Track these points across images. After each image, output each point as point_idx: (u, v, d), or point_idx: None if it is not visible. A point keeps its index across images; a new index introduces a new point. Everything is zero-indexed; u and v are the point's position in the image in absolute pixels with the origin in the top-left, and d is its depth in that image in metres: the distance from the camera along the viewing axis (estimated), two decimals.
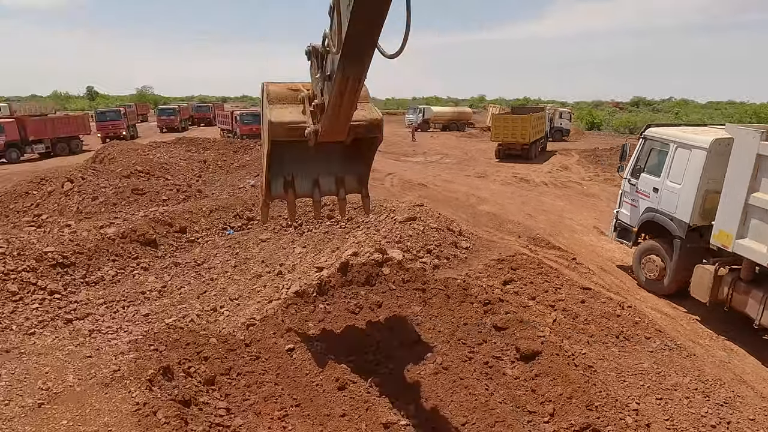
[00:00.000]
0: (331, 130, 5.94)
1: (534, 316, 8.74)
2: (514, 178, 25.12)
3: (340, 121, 5.70)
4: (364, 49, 4.68)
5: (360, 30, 4.54)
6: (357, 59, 4.74)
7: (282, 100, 6.91)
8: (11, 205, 16.63)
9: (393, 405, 6.60)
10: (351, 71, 4.88)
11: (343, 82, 4.97)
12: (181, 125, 54.19)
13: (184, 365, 6.83)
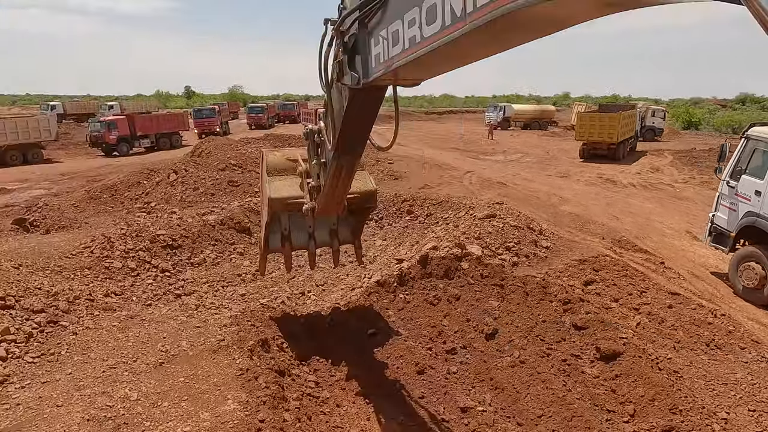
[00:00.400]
0: (327, 207, 6.27)
1: (616, 318, 8.58)
2: (599, 179, 24.17)
3: (336, 200, 6.03)
4: (357, 145, 5.09)
5: (352, 130, 4.87)
6: (350, 152, 5.14)
7: (281, 171, 7.29)
8: (125, 193, 18.65)
9: (470, 392, 6.85)
10: (345, 161, 5.26)
11: (337, 171, 5.35)
12: (268, 122, 57.09)
13: (277, 341, 7.51)
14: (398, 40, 3.24)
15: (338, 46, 4.19)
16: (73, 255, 10.33)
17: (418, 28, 2.97)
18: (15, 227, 14.59)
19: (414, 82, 4.27)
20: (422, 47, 2.97)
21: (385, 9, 3.38)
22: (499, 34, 2.56)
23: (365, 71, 3.92)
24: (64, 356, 6.56)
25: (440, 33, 2.75)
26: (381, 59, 3.57)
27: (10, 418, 5.24)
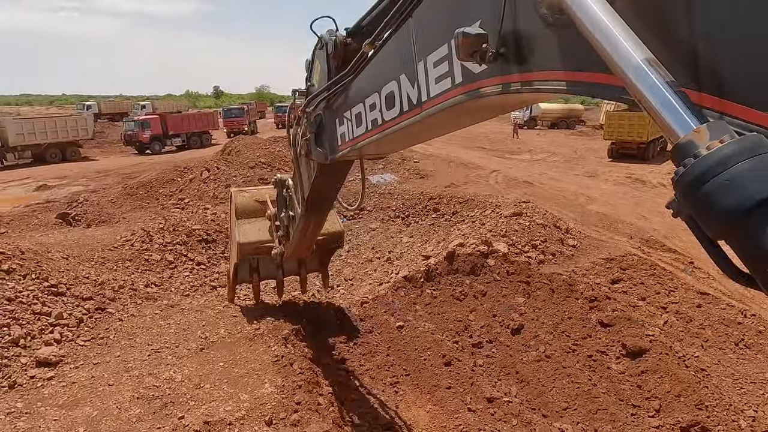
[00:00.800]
0: (296, 253, 6.54)
1: (643, 316, 8.62)
2: (627, 179, 23.86)
3: (304, 246, 6.31)
4: (324, 205, 5.40)
5: (320, 196, 5.14)
6: (317, 211, 5.44)
7: (249, 214, 7.41)
8: (160, 189, 19.31)
9: (496, 384, 7.03)
10: (313, 218, 5.55)
11: (306, 226, 5.64)
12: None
13: (309, 330, 7.82)
14: (361, 121, 3.51)
15: (305, 125, 4.45)
16: (115, 248, 10.86)
17: (379, 112, 3.24)
18: (59, 221, 15.33)
19: (378, 156, 4.62)
20: (383, 129, 3.24)
21: (348, 92, 3.65)
22: (452, 118, 2.85)
23: (332, 148, 4.18)
24: (112, 340, 6.99)
25: (399, 118, 3.02)
26: (346, 138, 3.83)
27: (67, 395, 5.66)
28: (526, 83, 2.02)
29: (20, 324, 6.61)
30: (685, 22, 1.40)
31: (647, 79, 1.27)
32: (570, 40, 1.71)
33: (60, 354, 6.41)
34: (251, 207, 7.41)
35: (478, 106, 2.48)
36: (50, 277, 7.72)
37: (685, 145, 1.14)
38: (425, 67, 2.63)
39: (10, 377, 5.90)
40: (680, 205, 1.16)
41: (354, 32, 3.63)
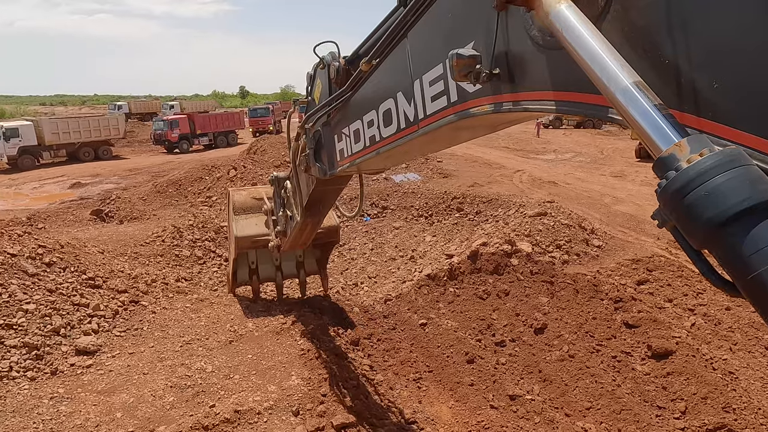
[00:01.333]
0: (292, 247, 6.67)
1: (670, 318, 8.53)
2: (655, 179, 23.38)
3: (301, 242, 6.45)
4: (322, 210, 5.50)
5: (317, 206, 5.26)
6: (315, 215, 5.53)
7: (246, 210, 7.60)
8: (189, 187, 19.79)
9: (518, 382, 7.07)
10: (310, 220, 5.62)
11: (303, 226, 5.72)
12: None
13: (334, 326, 7.98)
14: (359, 138, 3.59)
15: (304, 140, 4.54)
16: (147, 243, 11.23)
17: (377, 129, 3.32)
18: (93, 217, 15.89)
19: (377, 171, 4.67)
20: (381, 146, 3.32)
21: (347, 109, 3.74)
22: (448, 135, 2.92)
23: (330, 164, 4.27)
24: (146, 332, 7.28)
25: (396, 134, 3.09)
26: (345, 154, 3.92)
27: (105, 382, 5.94)
28: (517, 103, 2.09)
29: (61, 314, 6.94)
30: (669, 45, 1.45)
31: (635, 101, 1.32)
32: (560, 61, 1.77)
33: (98, 343, 6.71)
34: (248, 203, 7.62)
35: (472, 123, 2.55)
36: (88, 270, 8.06)
37: (667, 159, 1.18)
38: (421, 85, 2.71)
39: (52, 364, 6.21)
40: (664, 216, 1.20)
41: (352, 61, 3.72)
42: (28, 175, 27.63)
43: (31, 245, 7.99)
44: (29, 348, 6.25)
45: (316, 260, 8.63)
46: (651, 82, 1.38)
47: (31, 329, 6.50)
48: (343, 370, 6.65)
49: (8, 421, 5.16)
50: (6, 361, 6.00)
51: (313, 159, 4.43)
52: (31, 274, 7.32)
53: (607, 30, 1.56)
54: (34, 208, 18.66)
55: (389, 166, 4.29)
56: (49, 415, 5.29)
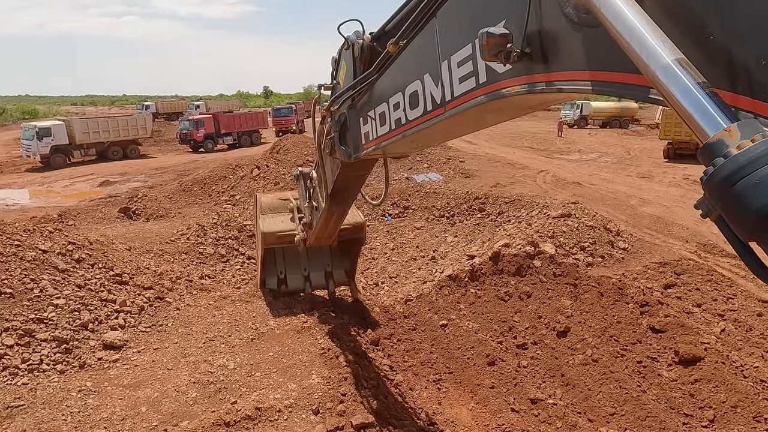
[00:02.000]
0: (318, 240, 6.65)
1: (698, 323, 8.30)
2: (684, 180, 22.83)
3: (327, 235, 6.41)
4: (348, 199, 5.45)
5: (342, 192, 5.19)
6: (341, 204, 5.49)
7: (273, 209, 7.73)
8: (213, 186, 20.08)
9: (540, 386, 6.97)
10: (336, 209, 5.58)
11: (329, 216, 5.69)
12: None
13: (355, 326, 8.00)
14: (385, 121, 3.53)
15: (329, 123, 4.50)
16: (172, 241, 11.44)
17: (403, 111, 3.25)
18: (120, 215, 16.27)
19: (402, 155, 4.60)
20: (407, 129, 3.25)
21: (372, 92, 3.68)
22: (475, 118, 2.84)
23: (355, 147, 4.22)
24: (170, 328, 7.41)
25: (423, 117, 3.02)
26: (370, 137, 3.86)
27: (130, 376, 6.07)
28: (551, 83, 2.01)
29: (89, 309, 7.11)
30: (715, 19, 1.37)
31: (677, 80, 1.24)
32: (596, 39, 1.70)
33: (124, 338, 6.86)
34: (275, 204, 7.85)
35: (501, 106, 2.48)
36: (115, 267, 8.25)
37: (715, 145, 1.13)
38: (449, 66, 2.65)
39: (81, 358, 6.37)
40: (709, 206, 1.15)
41: (378, 37, 3.68)
42: (59, 173, 28.45)
43: (62, 242, 8.22)
44: (59, 342, 6.43)
45: (345, 271, 8.66)
46: (695, 61, 1.30)
47: (60, 323, 6.68)
48: (363, 369, 6.66)
49: (39, 413, 5.31)
50: (37, 354, 6.19)
51: (338, 142, 4.40)
52: (61, 270, 7.53)
53: (648, 6, 1.48)
54: (65, 206, 19.21)
55: (414, 151, 4.28)
56: (77, 407, 5.43)
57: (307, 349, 6.71)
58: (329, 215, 5.78)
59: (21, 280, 6.98)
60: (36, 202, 21.30)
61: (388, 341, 7.95)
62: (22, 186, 24.84)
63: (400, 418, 6.11)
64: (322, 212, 5.84)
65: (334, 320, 7.68)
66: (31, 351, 6.20)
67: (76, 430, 5.09)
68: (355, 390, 5.82)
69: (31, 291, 6.93)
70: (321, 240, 6.84)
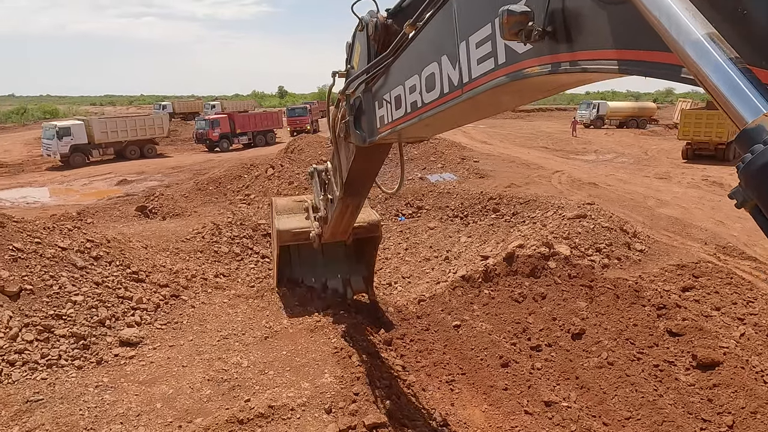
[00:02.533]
0: (333, 236, 6.66)
1: (717, 327, 8.14)
2: (704, 181, 22.44)
3: (342, 229, 6.41)
4: (362, 190, 5.40)
5: (357, 180, 5.13)
6: (356, 195, 5.45)
7: (288, 210, 7.82)
8: (228, 185, 20.28)
9: (554, 388, 6.90)
10: (351, 201, 5.55)
11: (344, 209, 5.66)
12: None
13: (367, 325, 8.01)
14: (401, 104, 3.47)
15: (344, 107, 4.47)
16: (188, 239, 11.55)
17: (419, 94, 3.19)
18: (137, 213, 16.49)
19: (418, 139, 4.54)
20: (423, 112, 3.19)
21: (388, 75, 3.62)
22: (493, 100, 2.76)
23: (370, 131, 4.17)
24: (185, 325, 7.49)
25: (439, 100, 2.95)
26: (385, 121, 3.81)
27: (146, 373, 6.15)
28: (575, 63, 1.93)
29: (106, 306, 7.22)
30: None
31: (709, 57, 1.17)
32: (623, 16, 1.64)
33: (140, 335, 6.95)
34: (289, 205, 8.00)
35: (519, 87, 2.42)
36: (132, 265, 8.37)
37: (754, 131, 1.07)
38: (467, 47, 2.58)
39: (98, 354, 6.48)
40: (745, 195, 1.10)
41: (395, 13, 3.62)
42: (78, 172, 28.93)
43: (80, 239, 8.36)
44: (77, 338, 6.54)
45: (363, 278, 8.69)
46: (727, 37, 1.23)
47: (78, 320, 6.79)
48: (375, 369, 6.66)
49: (57, 407, 5.41)
50: (56, 349, 6.30)
51: (353, 126, 4.36)
52: (79, 267, 7.66)
53: None
54: (84, 204, 19.54)
55: (429, 135, 4.21)
56: (94, 402, 5.52)
57: (320, 348, 6.73)
58: (344, 207, 5.77)
59: (41, 277, 7.11)
60: (56, 200, 21.70)
61: (401, 341, 7.94)
62: (43, 184, 25.31)
63: (412, 419, 6.10)
64: (337, 204, 5.84)
65: (347, 320, 7.69)
66: (50, 346, 6.31)
67: (92, 425, 5.17)
68: (368, 390, 5.82)
69: (51, 288, 7.05)
70: (336, 235, 6.84)
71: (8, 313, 6.40)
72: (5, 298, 6.60)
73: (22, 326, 6.35)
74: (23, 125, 58.29)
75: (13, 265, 7.06)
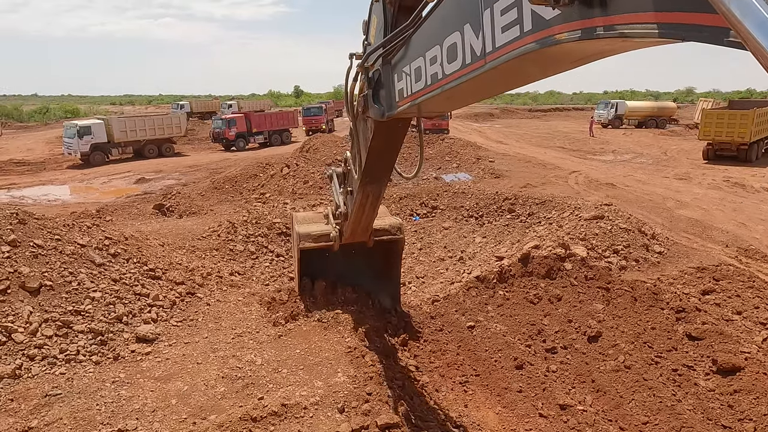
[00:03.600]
0: (354, 233, 6.52)
1: (738, 331, 7.96)
2: (725, 183, 21.98)
3: (363, 227, 6.33)
4: (382, 175, 5.26)
5: (377, 161, 4.99)
6: (375, 181, 5.33)
7: (308, 220, 7.75)
8: (244, 184, 20.41)
9: (570, 391, 6.81)
10: (371, 190, 5.44)
11: (364, 199, 5.56)
12: None
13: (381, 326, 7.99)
14: (421, 76, 3.37)
15: (363, 80, 4.40)
16: (204, 237, 11.67)
17: (439, 66, 3.09)
18: (155, 211, 16.70)
19: (437, 114, 4.39)
20: (444, 84, 3.09)
21: (408, 46, 3.53)
22: (517, 70, 2.64)
23: (389, 105, 4.08)
24: (200, 323, 7.56)
25: (461, 71, 2.84)
26: (404, 94, 3.72)
27: (162, 369, 6.22)
28: (610, 27, 1.81)
29: (123, 303, 7.32)
30: None
31: (755, 13, 1.05)
32: None
33: (156, 332, 7.03)
34: (309, 216, 8.03)
35: (545, 56, 2.30)
36: (149, 262, 8.47)
37: None
38: (491, 15, 2.49)
39: (115, 350, 6.57)
40: None
41: None
42: (98, 171, 29.41)
43: (99, 237, 8.49)
44: (95, 333, 6.64)
45: (390, 297, 8.48)
46: None
47: (96, 316, 6.90)
48: (388, 369, 6.64)
49: (74, 402, 5.49)
50: (74, 345, 6.40)
51: (371, 100, 4.28)
52: (98, 264, 7.78)
53: None
54: (103, 202, 19.86)
55: (449, 109, 4.02)
56: (110, 398, 5.59)
57: (333, 347, 6.74)
58: (364, 196, 5.65)
59: (60, 273, 7.24)
60: (76, 198, 22.08)
61: (414, 342, 7.90)
62: (64, 182, 25.77)
63: (425, 420, 6.07)
64: (356, 194, 5.77)
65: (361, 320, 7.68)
66: (68, 342, 6.42)
67: (109, 419, 5.24)
68: (381, 390, 5.81)
69: (70, 284, 7.17)
70: (356, 233, 6.69)
71: (28, 309, 6.52)
72: (26, 293, 6.74)
73: (41, 322, 6.47)
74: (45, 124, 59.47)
75: (33, 262, 7.19)
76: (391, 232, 7.47)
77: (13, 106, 73.02)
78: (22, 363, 5.96)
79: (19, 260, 7.10)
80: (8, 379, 5.72)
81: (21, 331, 6.24)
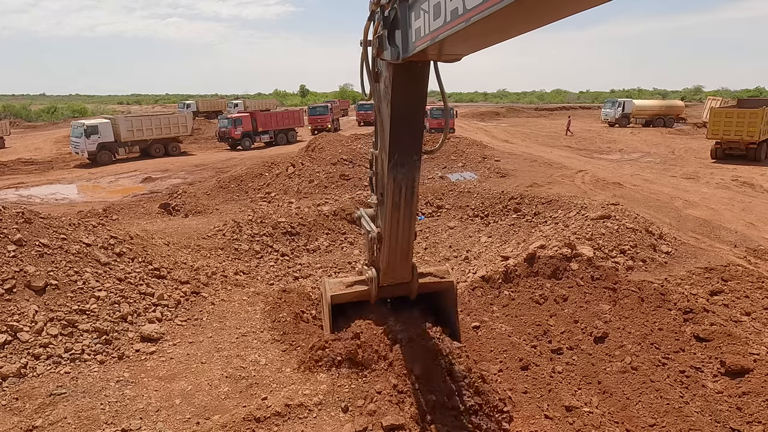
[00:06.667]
0: (392, 265, 5.61)
1: (747, 333, 7.86)
2: (733, 182, 21.77)
3: (401, 245, 5.47)
4: (410, 148, 4.79)
5: (403, 123, 4.59)
6: (405, 163, 4.82)
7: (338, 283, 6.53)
8: (249, 183, 20.46)
9: (575, 393, 6.75)
10: (402, 176, 4.91)
11: (396, 192, 4.96)
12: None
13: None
14: (440, 12, 3.15)
15: (378, 20, 4.18)
16: (209, 236, 11.69)
17: (460, 0, 2.87)
18: (161, 210, 16.76)
19: (455, 57, 4.07)
20: (465, 20, 2.85)
21: None
22: (544, 5, 2.45)
23: (405, 46, 3.86)
24: (205, 322, 7.57)
25: (484, 4, 2.61)
26: (422, 33, 3.50)
27: (166, 369, 6.22)
28: None
29: (128, 302, 7.34)
30: None
31: None
32: None
33: (161, 331, 7.04)
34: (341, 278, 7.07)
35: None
36: (154, 261, 8.49)
37: None
38: None
39: (119, 349, 6.58)
40: None
41: None
42: (105, 170, 29.56)
43: (104, 236, 8.51)
44: (99, 333, 6.65)
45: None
46: None
47: (101, 315, 6.91)
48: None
49: (79, 401, 5.50)
50: (79, 344, 6.42)
51: (386, 41, 4.09)
52: (103, 263, 7.80)
53: None
54: (110, 201, 19.96)
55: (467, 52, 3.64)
56: (114, 397, 5.60)
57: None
58: (396, 189, 5.03)
59: (65, 272, 7.26)
60: (83, 197, 22.20)
61: None
62: (71, 181, 25.92)
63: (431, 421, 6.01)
64: (387, 191, 5.13)
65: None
66: (73, 341, 6.44)
67: (113, 419, 5.24)
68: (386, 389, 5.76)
69: (75, 283, 7.19)
70: (396, 266, 5.77)
71: (34, 308, 6.55)
72: (31, 293, 6.76)
73: (47, 321, 6.49)
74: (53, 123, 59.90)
75: (39, 261, 7.22)
76: (437, 275, 6.53)
77: (22, 106, 73.68)
78: (27, 362, 5.98)
79: (24, 259, 7.13)
80: (13, 378, 5.74)
81: (26, 330, 6.27)
